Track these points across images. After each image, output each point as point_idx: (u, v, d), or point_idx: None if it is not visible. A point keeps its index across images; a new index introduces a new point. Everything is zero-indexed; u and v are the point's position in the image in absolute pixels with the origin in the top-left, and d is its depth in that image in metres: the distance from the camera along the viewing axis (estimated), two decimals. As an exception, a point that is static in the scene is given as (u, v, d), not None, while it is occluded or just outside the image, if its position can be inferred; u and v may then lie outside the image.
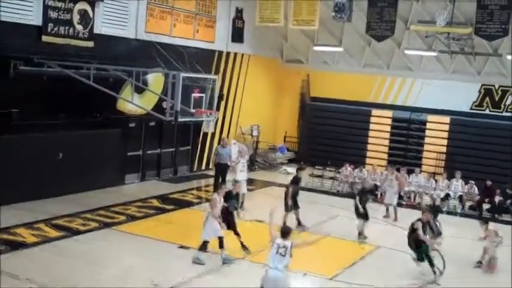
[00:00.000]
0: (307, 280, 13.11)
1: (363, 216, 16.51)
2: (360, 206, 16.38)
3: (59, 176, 17.64)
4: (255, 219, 17.26)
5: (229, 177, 19.93)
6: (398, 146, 27.14)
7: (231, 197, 14.37)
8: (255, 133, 26.28)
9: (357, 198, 16.63)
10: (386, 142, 27.49)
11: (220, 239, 13.43)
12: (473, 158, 24.97)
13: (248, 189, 22.85)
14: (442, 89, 26.12)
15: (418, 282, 13.34)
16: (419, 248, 13.72)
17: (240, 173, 19.24)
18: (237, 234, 14.17)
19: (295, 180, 17.55)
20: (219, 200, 13.82)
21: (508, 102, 25.53)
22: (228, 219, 13.96)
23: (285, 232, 10.44)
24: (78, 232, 14.89)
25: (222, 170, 20.17)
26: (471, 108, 26.17)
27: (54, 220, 15.51)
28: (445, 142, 26.22)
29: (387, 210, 19.32)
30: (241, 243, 14.15)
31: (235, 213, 14.50)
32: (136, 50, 20.21)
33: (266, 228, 10.78)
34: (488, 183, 21.28)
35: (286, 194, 17.10)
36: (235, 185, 15.19)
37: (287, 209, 16.83)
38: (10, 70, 15.77)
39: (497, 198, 21.00)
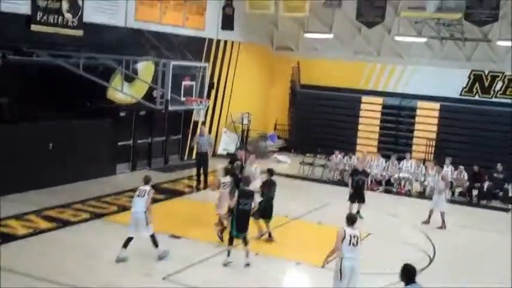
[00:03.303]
0: (300, 269, 13.15)
1: (355, 198, 17.16)
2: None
3: (50, 167, 17.55)
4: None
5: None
6: (388, 133, 27.20)
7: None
8: (245, 121, 26.18)
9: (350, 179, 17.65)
10: (377, 129, 27.55)
11: None
12: (463, 144, 25.12)
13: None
14: (432, 75, 26.17)
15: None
16: None
17: None
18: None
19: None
20: None
21: (497, 88, 25.62)
22: None
23: (352, 220, 10.83)
24: (69, 223, 14.84)
25: (202, 159, 20.27)
26: (461, 94, 26.26)
27: (45, 211, 15.43)
28: (435, 128, 26.32)
29: (429, 216, 17.25)
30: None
31: None
32: (126, 39, 20.04)
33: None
34: (476, 168, 21.34)
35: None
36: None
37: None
38: (-1, 59, 15.65)
39: (486, 184, 21.10)
